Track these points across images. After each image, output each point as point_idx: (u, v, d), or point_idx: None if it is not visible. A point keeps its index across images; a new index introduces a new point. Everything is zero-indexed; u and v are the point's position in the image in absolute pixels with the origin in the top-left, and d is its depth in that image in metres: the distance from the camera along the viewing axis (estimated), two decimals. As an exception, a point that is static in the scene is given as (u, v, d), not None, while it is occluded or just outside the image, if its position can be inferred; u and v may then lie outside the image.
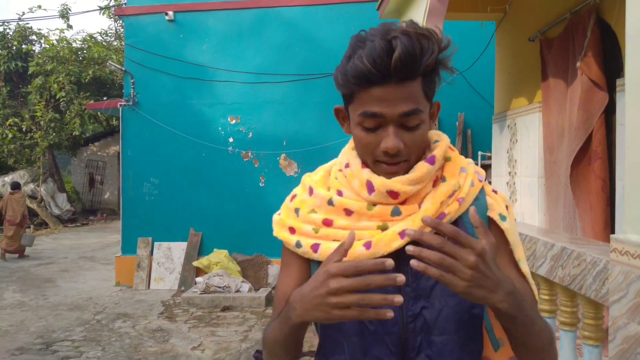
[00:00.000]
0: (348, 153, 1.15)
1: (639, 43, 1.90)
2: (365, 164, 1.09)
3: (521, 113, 4.68)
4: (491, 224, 1.11)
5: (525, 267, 1.13)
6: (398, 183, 1.03)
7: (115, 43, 18.52)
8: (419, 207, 1.05)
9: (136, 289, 7.70)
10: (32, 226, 14.90)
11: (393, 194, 1.04)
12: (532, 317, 0.98)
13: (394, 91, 0.97)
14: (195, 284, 7.30)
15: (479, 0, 4.88)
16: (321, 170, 1.22)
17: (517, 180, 4.79)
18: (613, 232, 3.31)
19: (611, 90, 3.44)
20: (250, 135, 7.80)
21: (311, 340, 5.44)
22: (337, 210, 1.10)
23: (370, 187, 1.05)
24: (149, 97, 8.01)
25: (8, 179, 15.95)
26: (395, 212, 1.05)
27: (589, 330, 2.27)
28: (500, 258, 1.09)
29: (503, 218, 1.11)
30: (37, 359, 4.97)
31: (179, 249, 7.83)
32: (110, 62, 9.61)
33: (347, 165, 1.13)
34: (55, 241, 13.08)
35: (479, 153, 7.04)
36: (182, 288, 7.50)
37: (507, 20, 5.03)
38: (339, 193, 1.12)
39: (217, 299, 6.73)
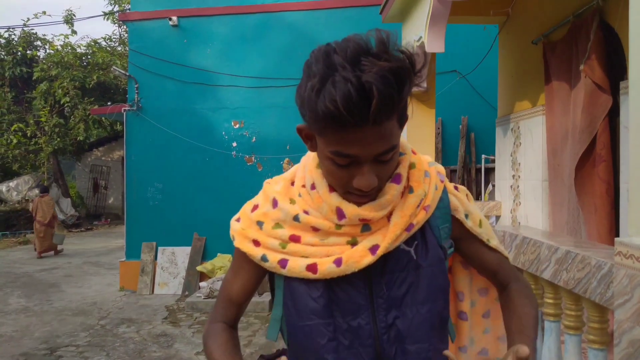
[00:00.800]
0: (313, 172, 1.09)
1: (642, 45, 1.89)
2: (332, 188, 1.05)
3: (525, 116, 4.67)
4: (455, 222, 1.15)
5: (494, 242, 1.20)
6: (370, 211, 1.01)
7: (119, 48, 18.61)
8: (388, 220, 1.05)
9: (140, 293, 7.71)
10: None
11: (364, 220, 1.03)
12: (532, 334, 1.08)
13: (370, 134, 0.89)
14: (199, 288, 7.30)
15: (481, 3, 4.88)
16: (282, 180, 1.18)
17: (521, 184, 4.78)
18: (618, 235, 3.29)
19: (615, 92, 3.42)
20: (254, 139, 7.81)
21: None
22: (304, 227, 1.07)
23: (340, 214, 1.03)
24: (153, 102, 8.04)
25: (13, 184, 16.02)
26: (365, 229, 1.04)
27: (594, 334, 2.25)
28: (470, 244, 1.19)
29: (467, 216, 1.16)
30: (41, 364, 4.98)
31: (183, 253, 7.83)
32: (114, 67, 9.65)
33: (312, 187, 1.08)
34: (59, 246, 13.10)
35: (483, 156, 7.03)
36: (186, 293, 7.50)
37: (510, 24, 5.03)
38: (305, 211, 1.08)
39: (221, 304, 6.71)
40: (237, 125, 7.86)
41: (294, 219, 1.08)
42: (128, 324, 6.24)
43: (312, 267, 1.04)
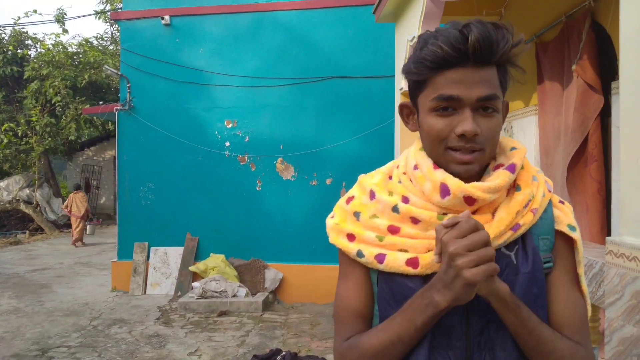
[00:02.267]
0: (416, 154, 1.07)
1: (633, 45, 1.91)
2: (437, 164, 1.02)
3: (517, 116, 4.70)
4: (558, 237, 1.06)
5: (585, 285, 1.07)
6: (477, 189, 0.97)
7: (111, 47, 18.52)
8: (493, 216, 1.00)
9: (132, 294, 7.67)
10: (27, 232, 14.85)
11: (469, 200, 0.97)
12: (526, 323, 0.96)
13: (471, 74, 0.95)
14: (192, 288, 7.27)
15: (474, 3, 4.89)
16: (379, 173, 1.14)
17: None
18: (609, 234, 3.31)
19: (606, 92, 3.45)
20: (247, 139, 7.80)
21: (308, 344, 5.44)
22: (403, 218, 1.03)
23: (444, 190, 0.98)
24: (145, 102, 8.00)
25: (3, 184, 15.89)
26: None
27: (586, 333, 2.26)
28: (562, 272, 1.05)
29: (572, 228, 1.06)
30: (32, 365, 4.94)
31: (175, 253, 7.80)
32: (106, 66, 9.59)
33: (415, 167, 1.05)
34: (51, 247, 13.03)
35: (475, 156, 7.04)
36: (179, 293, 7.47)
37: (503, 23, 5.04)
38: (404, 199, 1.04)
39: (214, 304, 6.71)
40: (230, 125, 7.84)
41: (392, 209, 1.04)
42: (120, 325, 6.21)
43: (412, 262, 1.00)
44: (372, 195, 1.09)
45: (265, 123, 7.75)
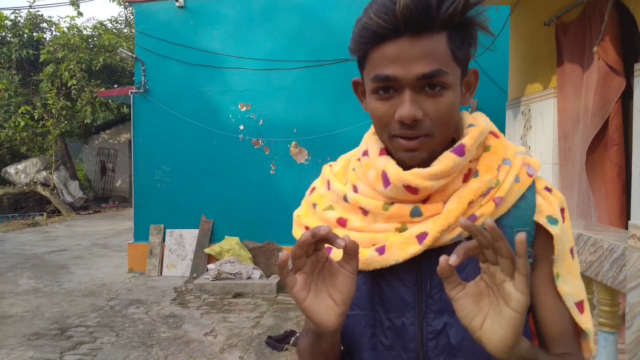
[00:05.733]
0: (369, 138, 1.00)
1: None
2: (385, 150, 0.94)
3: (536, 99, 4.63)
4: (539, 230, 0.92)
5: (565, 287, 0.91)
6: (416, 177, 0.86)
7: (125, 30, 18.53)
8: (444, 205, 0.89)
9: (148, 275, 7.77)
10: (45, 214, 15.07)
11: (411, 189, 0.87)
12: None
13: (408, 48, 0.81)
14: (207, 270, 7.35)
15: (493, -16, 4.81)
16: (342, 160, 1.07)
17: (531, 167, 4.74)
18: (629, 218, 3.27)
19: (628, 75, 3.38)
20: (261, 122, 7.79)
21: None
22: (353, 208, 0.95)
23: (385, 179, 0.89)
24: (160, 85, 8.01)
25: (21, 166, 16.10)
26: (415, 213, 0.89)
27: (605, 317, 2.25)
28: (545, 272, 0.92)
29: (553, 221, 0.91)
30: (52, 344, 5.04)
31: (190, 236, 7.87)
32: (120, 49, 9.61)
33: (364, 153, 0.97)
34: (68, 228, 13.21)
35: (492, 140, 6.97)
36: (194, 275, 7.55)
37: (522, 4, 4.95)
38: (355, 188, 0.97)
39: (229, 286, 6.77)
40: (244, 108, 7.84)
41: (344, 199, 0.96)
42: (137, 305, 6.31)
43: None
44: (328, 185, 1.03)
45: (279, 106, 7.73)
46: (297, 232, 1.05)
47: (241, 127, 7.83)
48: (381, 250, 0.89)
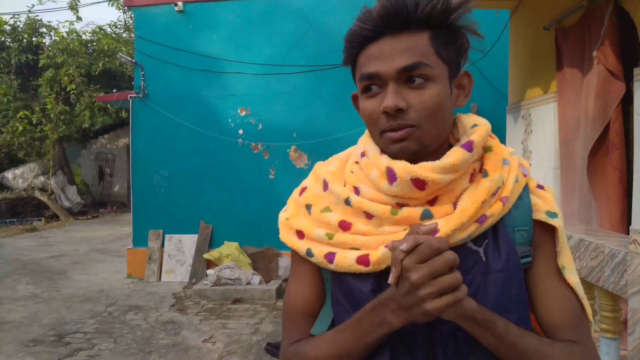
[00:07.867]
0: (365, 140, 1.00)
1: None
2: (383, 150, 0.93)
3: (536, 103, 4.62)
4: (537, 227, 0.95)
5: (573, 277, 0.94)
6: (425, 169, 0.86)
7: (124, 35, 18.54)
8: (454, 207, 0.89)
9: (147, 281, 7.74)
10: (43, 219, 15.03)
11: (418, 183, 0.86)
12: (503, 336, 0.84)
13: (389, 45, 0.87)
14: (206, 276, 7.31)
15: (492, -11, 4.81)
16: (336, 160, 1.05)
17: (532, 172, 4.71)
18: (630, 223, 3.25)
19: (628, 79, 3.37)
20: (260, 127, 7.78)
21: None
22: (356, 212, 0.93)
23: (391, 175, 0.88)
24: (159, 89, 8.00)
25: (18, 171, 16.07)
26: (426, 215, 0.88)
27: (607, 323, 2.23)
28: (545, 265, 0.95)
29: (552, 215, 0.94)
30: (50, 351, 5.00)
31: (189, 241, 7.85)
32: (120, 54, 9.60)
33: (363, 154, 0.97)
34: (66, 234, 13.17)
35: (491, 144, 6.96)
36: (193, 280, 7.52)
37: (522, 9, 4.96)
38: (356, 190, 0.95)
39: (228, 292, 6.74)
40: (244, 113, 7.83)
41: (345, 202, 0.95)
42: (135, 311, 6.27)
43: (363, 259, 0.90)
44: (325, 185, 1.00)
45: (279, 111, 7.72)
46: (287, 237, 1.02)
47: (240, 132, 7.82)
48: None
